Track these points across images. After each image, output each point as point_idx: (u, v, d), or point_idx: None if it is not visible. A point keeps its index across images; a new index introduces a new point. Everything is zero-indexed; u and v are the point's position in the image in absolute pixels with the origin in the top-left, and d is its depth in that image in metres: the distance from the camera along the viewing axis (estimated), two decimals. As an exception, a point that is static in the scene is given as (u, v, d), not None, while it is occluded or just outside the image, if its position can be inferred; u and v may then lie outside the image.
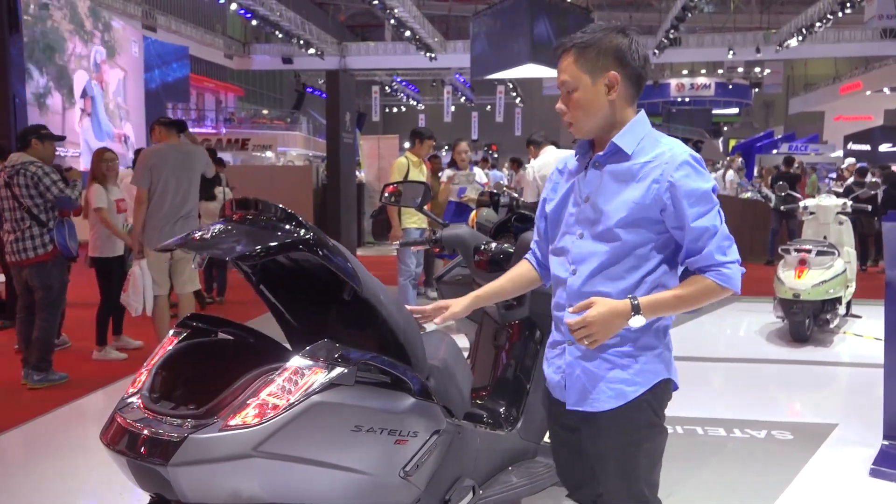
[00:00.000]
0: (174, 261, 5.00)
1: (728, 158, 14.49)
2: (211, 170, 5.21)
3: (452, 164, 7.05)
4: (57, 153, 5.75)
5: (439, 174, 7.52)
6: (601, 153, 1.79)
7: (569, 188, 1.87)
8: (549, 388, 1.94)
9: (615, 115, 1.78)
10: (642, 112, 1.82)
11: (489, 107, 35.18)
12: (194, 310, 5.24)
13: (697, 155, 1.76)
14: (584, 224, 1.80)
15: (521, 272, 2.07)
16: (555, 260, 1.89)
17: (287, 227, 1.80)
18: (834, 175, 19.24)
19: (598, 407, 1.79)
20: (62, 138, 5.66)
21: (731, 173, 14.46)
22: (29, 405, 4.45)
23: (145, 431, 1.73)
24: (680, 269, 1.82)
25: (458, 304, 2.02)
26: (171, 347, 2.02)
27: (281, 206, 1.86)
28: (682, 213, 1.70)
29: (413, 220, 6.30)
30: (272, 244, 1.75)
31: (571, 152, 1.94)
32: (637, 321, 1.68)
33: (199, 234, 1.86)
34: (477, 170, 7.09)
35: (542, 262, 2.03)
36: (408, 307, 2.08)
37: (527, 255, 2.09)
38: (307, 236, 1.79)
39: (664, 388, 1.84)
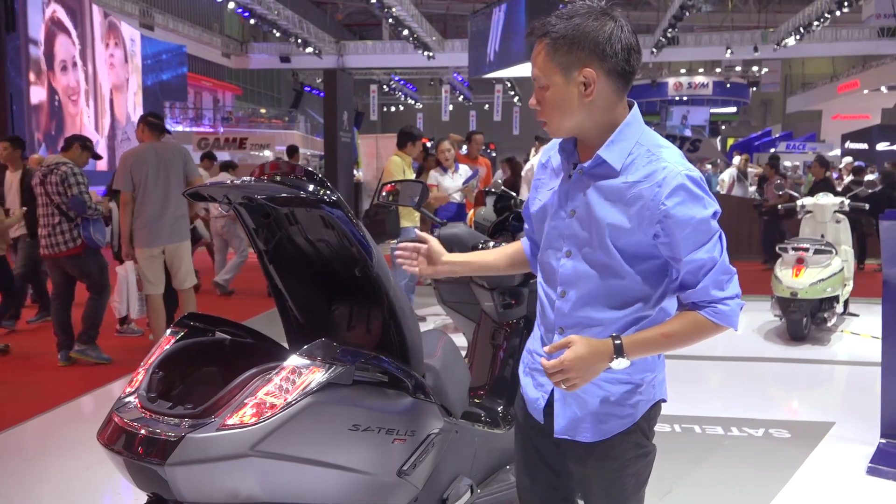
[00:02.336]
0: (169, 257, 5.04)
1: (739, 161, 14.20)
2: (194, 171, 5.10)
3: (437, 164, 6.95)
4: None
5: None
6: (587, 164, 1.57)
7: (552, 194, 1.65)
8: (525, 404, 1.75)
9: (598, 117, 1.53)
10: (634, 111, 1.57)
11: (487, 106, 35.18)
12: (195, 306, 5.30)
13: (696, 175, 1.52)
14: (570, 241, 1.60)
15: (513, 251, 1.89)
16: (541, 273, 1.70)
17: (316, 187, 1.85)
18: (835, 175, 19.25)
19: (588, 438, 1.64)
20: (99, 157, 6.03)
21: (728, 171, 14.44)
22: (26, 404, 4.44)
23: (142, 431, 1.73)
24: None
25: (444, 256, 1.82)
26: (168, 347, 2.02)
27: (311, 169, 1.92)
28: (676, 244, 1.50)
29: (410, 219, 6.29)
30: (301, 195, 1.81)
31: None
32: (620, 364, 1.50)
33: (236, 181, 1.95)
34: (463, 167, 6.96)
35: (533, 252, 1.83)
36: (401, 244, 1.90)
37: (521, 239, 1.91)
38: (334, 197, 1.84)
39: (656, 411, 1.72)
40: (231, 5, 22.13)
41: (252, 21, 24.23)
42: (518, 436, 1.82)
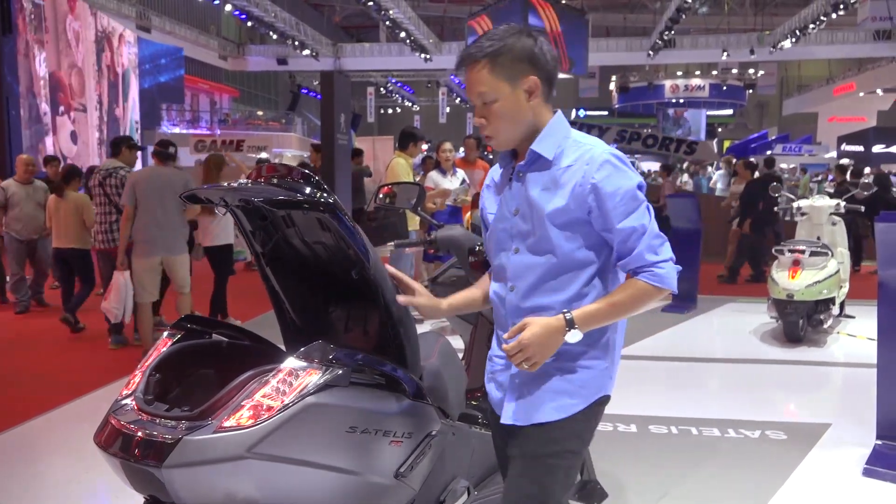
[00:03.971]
0: (167, 267, 5.37)
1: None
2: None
3: (437, 165, 6.93)
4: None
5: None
6: (522, 163, 1.73)
7: (498, 204, 1.79)
8: (490, 405, 1.86)
9: (533, 121, 1.71)
10: (559, 113, 1.76)
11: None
12: (191, 309, 5.41)
13: (619, 153, 1.70)
14: (517, 238, 1.73)
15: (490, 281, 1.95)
16: (493, 276, 1.82)
17: (313, 189, 1.87)
18: (821, 176, 19.30)
19: (532, 419, 1.72)
20: (142, 148, 6.43)
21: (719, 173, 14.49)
22: (23, 407, 4.43)
23: (139, 433, 1.72)
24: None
25: (433, 304, 1.88)
26: (165, 349, 2.02)
27: (308, 172, 1.93)
28: (607, 214, 1.64)
29: (409, 222, 6.26)
30: (298, 197, 1.84)
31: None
32: (574, 336, 1.61)
33: (231, 184, 1.97)
34: (459, 172, 6.94)
35: None
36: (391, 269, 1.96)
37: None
38: (331, 200, 1.86)
39: (601, 406, 1.78)
40: (228, 7, 22.14)
41: (249, 23, 24.22)
42: (494, 441, 1.91)
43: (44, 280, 7.53)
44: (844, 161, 14.95)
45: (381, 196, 2.89)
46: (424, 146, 11.34)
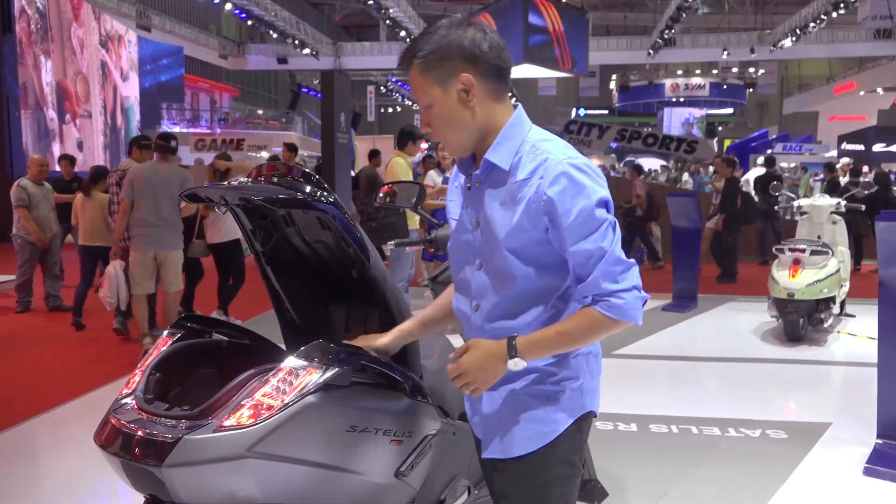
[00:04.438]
0: (160, 262, 5.47)
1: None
2: (190, 185, 5.48)
3: (437, 164, 6.93)
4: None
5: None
6: (477, 172, 1.56)
7: (461, 212, 1.64)
8: (472, 427, 1.75)
9: (484, 122, 1.53)
10: (518, 111, 1.56)
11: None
12: (177, 310, 5.65)
13: (581, 162, 1.49)
14: (479, 253, 1.58)
15: (446, 298, 1.85)
16: (456, 289, 1.69)
17: (313, 188, 1.87)
18: (821, 176, 19.31)
19: (511, 452, 1.59)
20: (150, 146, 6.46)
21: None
22: (23, 406, 4.43)
23: (139, 432, 1.72)
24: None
25: (381, 339, 1.87)
26: (165, 348, 2.01)
27: (308, 170, 1.92)
28: (562, 234, 1.46)
29: (410, 221, 6.27)
30: (298, 195, 1.83)
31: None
32: (516, 364, 1.47)
33: (231, 182, 1.97)
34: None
35: None
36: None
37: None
38: (331, 199, 1.86)
39: (584, 424, 1.63)
40: (228, 6, 22.14)
41: (249, 22, 24.24)
42: (479, 461, 1.76)
43: (58, 284, 7.34)
44: (845, 160, 14.93)
45: (381, 195, 2.89)
46: (424, 145, 11.34)
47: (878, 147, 25.42)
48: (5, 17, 13.55)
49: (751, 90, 35.08)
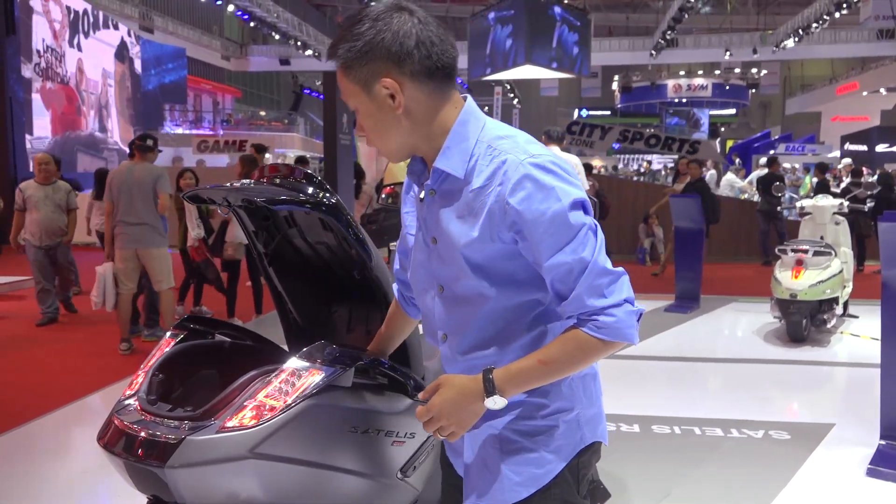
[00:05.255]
0: (143, 260, 5.58)
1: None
2: (162, 188, 5.56)
3: None
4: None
5: None
6: (428, 182, 1.35)
7: (417, 226, 1.43)
8: (445, 451, 1.53)
9: (424, 128, 1.31)
10: (467, 106, 1.34)
11: (487, 108, 35.14)
12: (174, 306, 5.89)
13: (545, 160, 1.26)
14: (440, 275, 1.37)
15: (392, 316, 1.75)
16: (423, 318, 1.49)
17: (315, 189, 1.87)
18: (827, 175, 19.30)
19: (501, 501, 1.35)
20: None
21: (729, 174, 14.49)
22: (26, 407, 4.44)
23: (142, 433, 1.73)
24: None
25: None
26: (168, 349, 2.02)
27: (310, 172, 1.93)
28: (535, 247, 1.25)
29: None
30: (300, 196, 1.83)
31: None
32: (496, 403, 1.26)
33: (234, 184, 1.97)
34: None
35: (408, 296, 1.66)
36: None
37: (394, 288, 1.71)
38: (333, 200, 1.86)
39: (586, 457, 1.41)
40: (230, 8, 22.16)
41: (251, 23, 24.25)
42: (443, 480, 1.57)
43: (70, 286, 7.07)
44: (846, 160, 14.91)
45: (383, 196, 2.89)
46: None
47: (881, 147, 25.38)
48: (8, 18, 13.58)
49: (753, 91, 35.03)
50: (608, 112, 37.46)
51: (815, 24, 21.73)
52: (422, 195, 1.39)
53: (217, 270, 6.44)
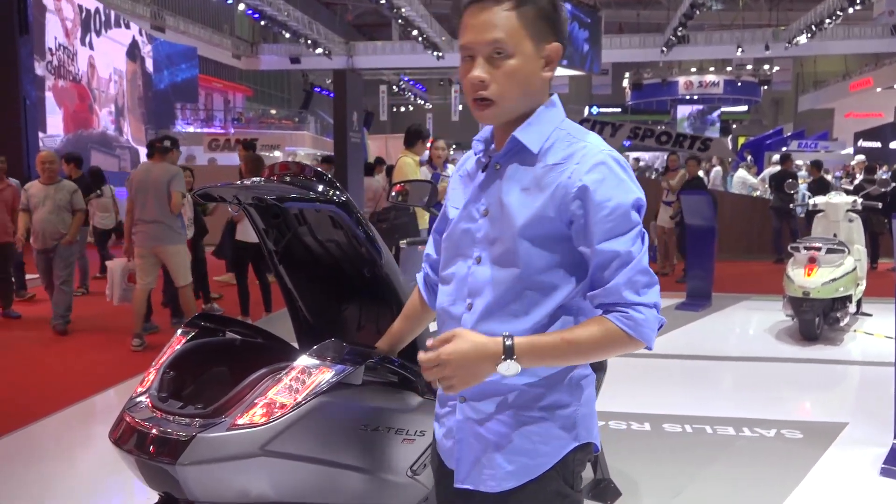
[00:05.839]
0: (161, 257, 5.74)
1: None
2: (176, 187, 5.67)
3: (429, 162, 6.93)
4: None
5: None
6: (500, 152, 1.39)
7: (466, 199, 1.45)
8: (437, 451, 1.53)
9: (532, 99, 1.37)
10: (555, 99, 1.42)
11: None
12: (193, 302, 6.02)
13: (621, 158, 1.34)
14: (481, 245, 1.39)
15: (410, 306, 1.74)
16: (444, 289, 1.47)
17: (325, 187, 1.88)
18: (840, 173, 19.16)
19: (493, 487, 1.38)
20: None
21: (741, 171, 14.40)
22: (39, 404, 4.47)
23: (154, 430, 1.73)
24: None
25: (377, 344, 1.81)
26: (179, 347, 2.03)
27: (320, 170, 1.93)
28: (589, 227, 1.29)
29: (420, 221, 6.27)
30: (310, 194, 1.84)
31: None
32: (509, 368, 1.26)
33: (245, 182, 1.98)
34: (451, 167, 7.04)
35: (434, 283, 1.63)
36: None
37: (417, 277, 1.69)
38: (343, 198, 1.86)
39: (580, 455, 1.42)
40: (241, 7, 22.24)
41: (262, 22, 24.33)
42: (436, 486, 1.59)
43: (66, 298, 6.32)
44: (860, 157, 14.79)
45: (393, 194, 2.89)
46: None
47: (895, 144, 25.15)
48: (22, 18, 13.68)
49: (765, 87, 34.82)
50: (619, 109, 37.33)
51: (828, 20, 21.56)
52: (483, 167, 1.43)
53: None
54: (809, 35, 22.84)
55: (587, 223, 1.29)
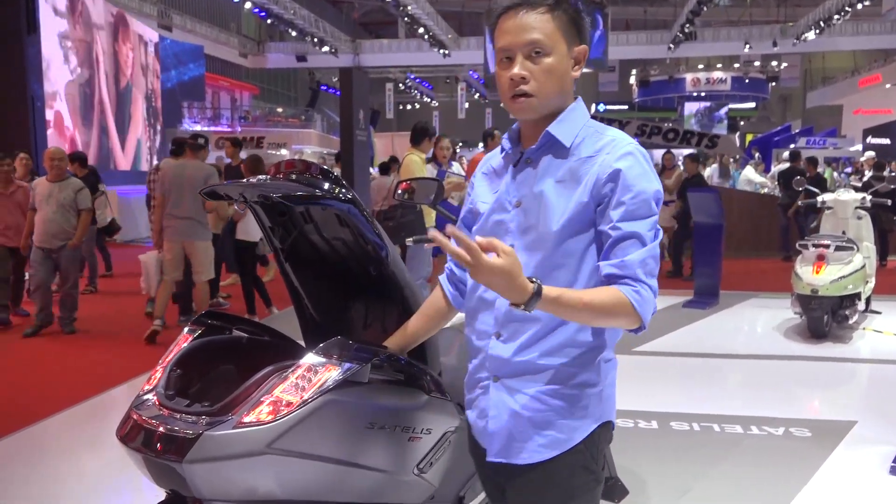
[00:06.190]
0: (187, 252, 5.95)
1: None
2: (214, 181, 5.91)
3: (433, 159, 6.94)
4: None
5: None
6: (533, 146, 1.52)
7: (496, 194, 1.58)
8: (472, 434, 1.67)
9: (562, 97, 1.52)
10: (580, 101, 1.58)
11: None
12: (207, 297, 6.22)
13: (644, 150, 1.51)
14: (514, 233, 1.51)
15: (430, 303, 1.80)
16: (473, 281, 1.57)
17: (331, 185, 1.87)
18: (850, 169, 19.06)
19: (525, 459, 1.50)
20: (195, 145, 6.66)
21: (749, 169, 14.32)
22: (46, 401, 4.50)
23: (161, 428, 1.74)
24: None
25: (387, 342, 1.86)
26: (185, 345, 2.03)
27: (326, 168, 1.93)
28: (614, 206, 1.42)
29: (426, 219, 6.27)
30: (316, 191, 1.84)
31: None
32: (526, 307, 1.33)
33: (251, 179, 1.97)
34: (455, 165, 7.10)
35: (459, 280, 1.73)
36: None
37: (441, 277, 1.78)
38: (349, 195, 1.86)
39: (604, 433, 1.56)
40: (248, 5, 22.28)
41: (269, 21, 24.37)
42: (480, 474, 1.72)
43: (73, 302, 6.28)
44: (870, 153, 14.69)
45: (399, 192, 2.88)
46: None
47: (904, 141, 24.99)
48: (30, 18, 13.72)
49: (773, 84, 34.66)
50: (626, 106, 37.24)
51: (836, 16, 21.44)
52: (514, 162, 1.55)
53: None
54: (818, 31, 22.71)
55: (612, 202, 1.42)
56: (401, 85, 35.35)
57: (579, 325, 1.47)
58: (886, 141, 25.15)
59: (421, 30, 24.17)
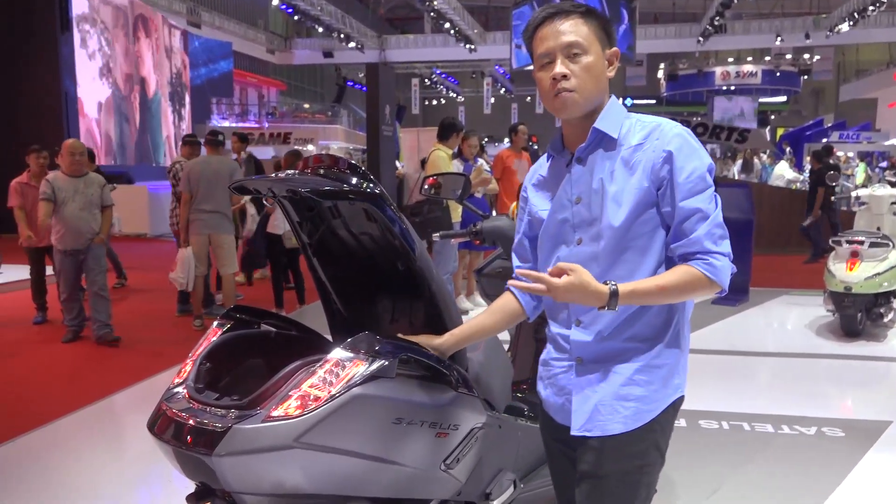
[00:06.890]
0: (213, 244, 6.18)
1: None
2: (239, 176, 6.15)
3: (459, 154, 6.92)
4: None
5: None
6: (583, 145, 1.63)
7: (550, 197, 1.69)
8: (546, 410, 1.76)
9: (600, 95, 1.63)
10: (614, 96, 1.69)
11: (529, 98, 34.96)
12: (234, 289, 6.52)
13: (691, 132, 1.61)
14: (580, 228, 1.62)
15: (502, 305, 1.85)
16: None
17: (359, 180, 1.87)
18: (885, 164, 18.65)
19: (609, 430, 1.59)
20: (197, 143, 7.07)
21: (783, 164, 14.08)
22: (79, 394, 4.58)
23: (190, 421, 1.75)
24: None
25: (436, 341, 1.88)
26: (214, 339, 2.05)
27: (354, 163, 1.94)
28: (673, 188, 1.53)
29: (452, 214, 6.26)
30: (344, 188, 1.84)
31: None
32: (608, 308, 1.50)
33: (279, 175, 1.99)
34: (481, 160, 7.09)
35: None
36: None
37: (509, 284, 1.83)
38: (377, 190, 1.86)
39: (674, 411, 1.66)
40: (275, 2, 22.44)
41: (295, 17, 24.52)
42: (545, 436, 1.81)
43: (105, 305, 5.76)
44: (869, 147, 14.36)
45: (426, 187, 2.88)
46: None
47: (941, 134, 24.38)
48: (63, 16, 13.96)
49: (805, 77, 33.98)
50: (654, 101, 36.80)
51: (871, 7, 20.98)
52: (567, 164, 1.66)
53: None
54: (852, 23, 22.25)
55: (671, 184, 1.54)
56: (427, 80, 35.35)
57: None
58: (923, 135, 24.55)
59: (447, 25, 24.15)
